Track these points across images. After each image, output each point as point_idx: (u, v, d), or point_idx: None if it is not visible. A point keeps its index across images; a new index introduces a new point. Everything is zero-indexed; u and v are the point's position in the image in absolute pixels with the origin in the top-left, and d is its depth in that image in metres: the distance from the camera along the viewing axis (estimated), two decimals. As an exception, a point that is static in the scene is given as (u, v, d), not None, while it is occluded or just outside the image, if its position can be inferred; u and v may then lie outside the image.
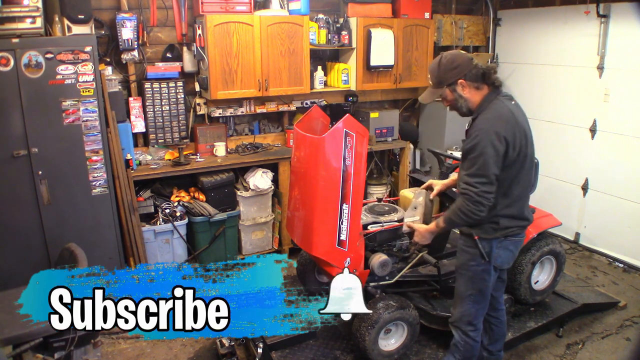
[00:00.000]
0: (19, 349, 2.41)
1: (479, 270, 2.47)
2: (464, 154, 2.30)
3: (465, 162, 2.29)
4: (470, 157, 2.25)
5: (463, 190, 2.27)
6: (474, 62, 2.28)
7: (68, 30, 3.49)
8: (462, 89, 2.29)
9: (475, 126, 2.28)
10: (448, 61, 2.28)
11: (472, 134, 2.27)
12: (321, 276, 3.65)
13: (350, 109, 4.82)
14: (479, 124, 2.27)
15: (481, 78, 2.28)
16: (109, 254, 3.72)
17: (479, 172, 2.23)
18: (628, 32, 4.29)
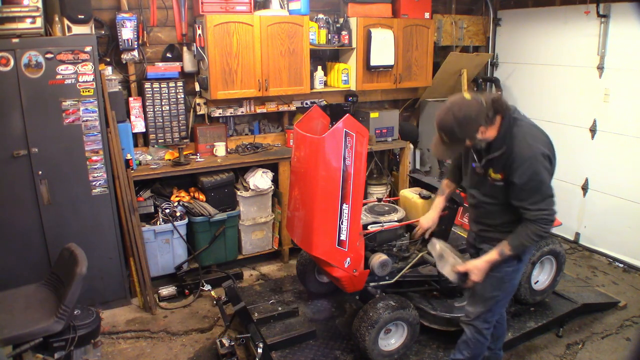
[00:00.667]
0: (19, 349, 2.42)
1: (510, 272, 2.47)
2: (520, 186, 2.25)
3: (523, 192, 2.25)
4: (530, 187, 2.24)
5: (535, 216, 2.25)
6: (482, 102, 2.21)
7: (68, 30, 3.49)
8: (481, 135, 2.24)
9: (518, 157, 2.23)
10: (463, 117, 2.18)
11: (519, 165, 2.23)
12: (321, 276, 3.65)
13: (350, 109, 4.82)
14: (521, 153, 2.23)
15: (494, 113, 2.24)
16: (109, 254, 3.72)
17: (544, 196, 2.25)
18: (628, 32, 4.29)
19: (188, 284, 4.06)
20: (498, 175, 2.33)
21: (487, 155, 2.34)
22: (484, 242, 2.55)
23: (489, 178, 2.38)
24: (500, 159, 2.29)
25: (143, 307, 3.84)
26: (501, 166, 2.29)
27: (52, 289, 2.78)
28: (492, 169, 2.35)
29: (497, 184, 2.35)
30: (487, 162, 2.36)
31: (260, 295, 3.74)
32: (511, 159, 2.25)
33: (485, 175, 2.40)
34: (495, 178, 2.35)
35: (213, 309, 3.81)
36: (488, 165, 2.36)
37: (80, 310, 2.74)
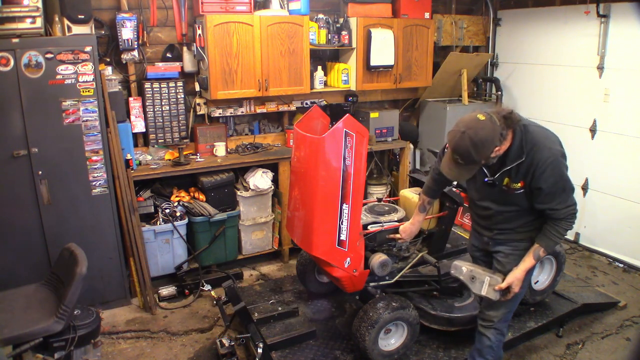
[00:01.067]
0: (19, 349, 2.42)
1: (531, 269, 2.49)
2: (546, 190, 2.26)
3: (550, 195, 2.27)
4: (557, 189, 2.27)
5: (564, 214, 2.29)
6: (496, 122, 2.19)
7: (68, 30, 3.49)
8: (495, 153, 2.24)
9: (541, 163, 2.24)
10: (479, 140, 2.15)
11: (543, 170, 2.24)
12: (321, 276, 3.65)
13: (350, 109, 4.82)
14: (543, 159, 2.25)
15: (507, 129, 2.24)
16: (109, 254, 3.72)
17: (569, 192, 2.31)
18: (628, 32, 4.29)
19: (188, 284, 4.06)
20: (517, 184, 2.33)
21: (503, 167, 2.33)
22: (500, 244, 2.55)
23: (505, 188, 2.37)
24: (520, 168, 2.29)
25: (143, 307, 3.84)
26: (521, 175, 2.30)
27: (52, 289, 2.78)
28: (508, 179, 2.34)
29: (517, 193, 2.35)
30: (503, 173, 2.35)
31: (260, 295, 3.74)
32: (533, 166, 2.25)
33: (499, 187, 2.39)
34: (514, 187, 2.34)
35: (213, 309, 3.81)
36: (503, 177, 2.36)
37: (80, 310, 2.74)
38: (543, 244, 2.35)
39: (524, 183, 2.31)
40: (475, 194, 2.58)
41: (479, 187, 2.51)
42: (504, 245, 2.53)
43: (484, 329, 2.63)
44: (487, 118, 2.19)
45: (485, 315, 2.62)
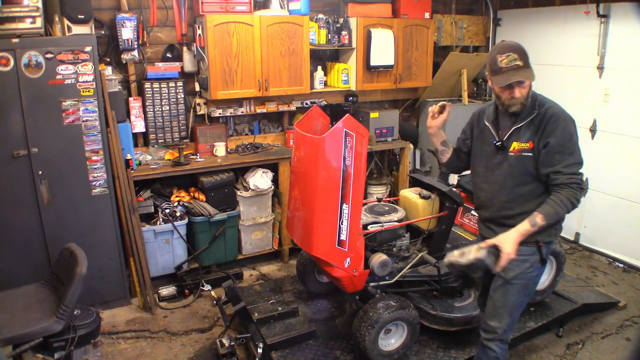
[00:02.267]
0: (19, 349, 2.42)
1: (534, 276, 2.41)
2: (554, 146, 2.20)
3: (558, 154, 2.20)
4: (566, 148, 2.20)
5: (569, 179, 2.18)
6: None
7: (68, 30, 3.49)
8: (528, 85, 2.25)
9: (554, 116, 2.22)
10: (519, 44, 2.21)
11: (556, 124, 2.20)
12: (321, 276, 3.65)
13: (350, 109, 4.82)
14: (557, 113, 2.23)
15: None
16: (109, 254, 3.72)
17: (577, 160, 2.22)
18: (628, 32, 4.29)
19: (188, 284, 4.06)
20: (526, 145, 2.26)
21: (513, 126, 2.29)
22: None
23: (512, 153, 2.30)
24: (530, 125, 2.25)
25: (143, 307, 3.84)
26: (531, 132, 2.25)
27: (52, 289, 2.78)
28: (517, 141, 2.28)
29: (525, 155, 2.27)
30: (512, 133, 2.30)
31: (260, 295, 3.74)
32: (545, 120, 2.22)
33: (507, 152, 2.32)
34: (522, 148, 2.27)
35: (213, 309, 3.81)
36: (513, 138, 2.30)
37: (80, 310, 2.74)
38: (542, 211, 2.20)
39: (533, 144, 2.25)
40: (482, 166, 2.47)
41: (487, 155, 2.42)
42: None
43: (488, 341, 2.50)
44: None
45: (488, 326, 2.50)
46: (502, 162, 2.36)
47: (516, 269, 2.35)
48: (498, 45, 2.28)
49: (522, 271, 2.36)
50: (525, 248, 2.31)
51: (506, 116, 2.34)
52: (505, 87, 2.20)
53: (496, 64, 2.20)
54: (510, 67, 2.17)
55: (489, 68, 2.26)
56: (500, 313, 2.44)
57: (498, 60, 2.19)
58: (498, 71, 2.20)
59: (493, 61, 2.22)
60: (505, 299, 2.41)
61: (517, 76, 2.17)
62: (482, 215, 2.56)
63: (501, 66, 2.19)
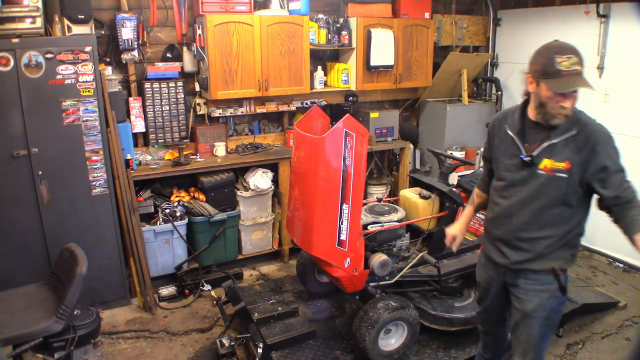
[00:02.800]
0: (19, 349, 2.42)
1: (556, 304, 2.20)
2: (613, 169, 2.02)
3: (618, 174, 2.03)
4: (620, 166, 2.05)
5: (634, 193, 2.03)
6: None
7: (68, 30, 3.49)
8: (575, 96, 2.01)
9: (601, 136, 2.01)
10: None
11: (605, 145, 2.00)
12: (321, 276, 3.65)
13: (350, 109, 4.82)
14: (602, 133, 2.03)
15: None
16: (109, 254, 3.72)
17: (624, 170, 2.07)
18: (628, 32, 4.29)
19: (188, 284, 4.06)
20: (561, 164, 2.01)
21: (546, 141, 2.03)
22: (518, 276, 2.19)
23: (541, 172, 2.05)
24: (570, 142, 2.00)
25: (143, 307, 3.84)
26: (570, 151, 2.00)
27: (52, 289, 2.78)
28: (549, 160, 2.03)
29: (558, 175, 2.02)
30: (546, 150, 2.03)
31: (260, 295, 3.74)
32: (592, 141, 1.98)
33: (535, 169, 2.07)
34: (556, 167, 2.02)
35: (213, 309, 3.81)
36: (545, 155, 2.04)
37: (80, 310, 2.74)
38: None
39: (571, 164, 1.99)
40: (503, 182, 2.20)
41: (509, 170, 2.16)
42: (522, 278, 2.18)
43: None
44: None
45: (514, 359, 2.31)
46: (527, 179, 2.10)
47: (534, 300, 2.16)
48: (553, 44, 2.02)
49: (541, 302, 2.16)
50: (542, 277, 2.14)
51: (536, 128, 2.08)
52: (558, 94, 1.93)
53: (553, 66, 1.92)
54: (570, 71, 1.91)
55: (540, 68, 1.98)
56: (525, 349, 2.25)
57: (557, 61, 1.92)
58: (555, 74, 1.92)
59: (550, 62, 1.94)
60: (528, 334, 2.22)
61: (580, 83, 1.91)
62: (492, 233, 2.28)
63: (560, 69, 1.91)
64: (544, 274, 2.13)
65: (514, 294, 2.24)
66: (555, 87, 1.93)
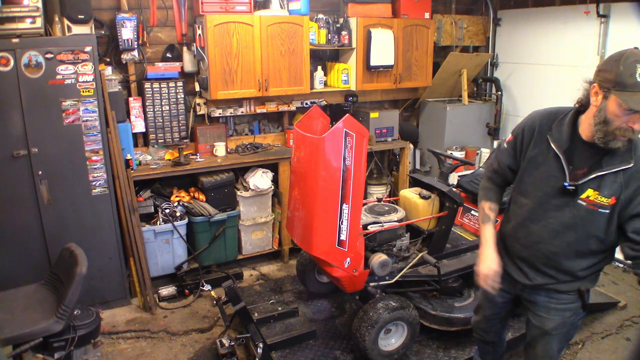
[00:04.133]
0: (19, 349, 2.42)
1: (576, 320, 2.10)
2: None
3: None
4: None
5: None
6: None
7: (68, 30, 3.49)
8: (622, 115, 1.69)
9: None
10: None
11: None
12: (321, 276, 3.65)
13: (350, 109, 4.82)
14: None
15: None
16: (109, 254, 3.72)
17: None
18: (628, 32, 4.30)
19: (188, 284, 4.06)
20: (607, 200, 1.76)
21: (596, 171, 1.78)
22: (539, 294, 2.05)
23: (584, 203, 1.81)
24: (621, 175, 1.74)
25: (143, 307, 3.84)
26: (619, 186, 1.75)
27: (52, 289, 2.78)
28: (594, 191, 1.79)
29: (600, 211, 1.79)
30: (593, 179, 1.78)
31: (260, 295, 3.74)
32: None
33: (576, 199, 1.83)
34: (599, 202, 1.77)
35: (213, 309, 3.81)
36: (588, 186, 1.80)
37: (80, 310, 2.74)
38: None
39: (617, 200, 1.75)
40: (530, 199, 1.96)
41: (542, 191, 1.91)
42: (544, 296, 2.03)
43: None
44: None
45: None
46: (564, 207, 1.86)
47: (556, 318, 2.05)
48: (635, 51, 1.72)
49: (562, 321, 2.05)
50: (566, 296, 2.00)
51: (588, 150, 1.80)
52: (631, 111, 1.65)
53: (633, 76, 1.62)
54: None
55: (614, 78, 1.68)
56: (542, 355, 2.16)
57: (638, 71, 1.62)
58: (633, 87, 1.62)
59: (629, 71, 1.65)
60: (546, 350, 2.13)
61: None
62: (514, 251, 2.09)
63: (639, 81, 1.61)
64: (569, 294, 2.00)
65: (532, 311, 2.11)
66: (632, 102, 1.62)
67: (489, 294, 2.14)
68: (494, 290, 2.08)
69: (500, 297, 2.21)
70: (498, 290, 2.11)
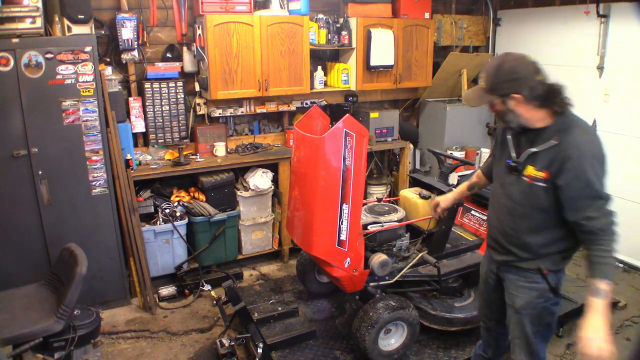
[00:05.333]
0: (19, 349, 2.42)
1: (548, 306, 2.19)
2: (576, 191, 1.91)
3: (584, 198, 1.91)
4: (594, 190, 1.91)
5: (606, 224, 1.93)
6: (539, 76, 1.96)
7: (68, 30, 3.49)
8: (515, 104, 1.97)
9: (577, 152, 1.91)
10: (509, 70, 1.95)
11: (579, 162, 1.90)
12: (321, 276, 3.65)
13: (350, 109, 4.82)
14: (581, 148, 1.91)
15: (542, 98, 1.95)
16: (109, 254, 3.72)
17: (605, 198, 1.94)
18: (628, 32, 4.29)
19: (188, 284, 4.06)
20: (540, 174, 1.99)
21: (531, 146, 2.03)
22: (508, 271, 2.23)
23: (525, 178, 2.05)
24: (549, 152, 1.97)
25: (143, 307, 3.84)
26: (548, 162, 1.97)
27: (52, 289, 2.78)
28: (533, 166, 2.02)
29: (537, 185, 2.01)
30: (529, 157, 2.03)
31: (260, 295, 3.74)
32: (566, 157, 1.91)
33: (520, 175, 2.07)
34: (535, 176, 2.01)
35: (213, 309, 3.81)
36: (529, 162, 2.04)
37: (80, 310, 2.74)
38: (599, 275, 1.85)
39: (549, 175, 1.97)
40: (496, 184, 2.26)
41: (501, 172, 2.20)
42: (513, 273, 2.20)
43: None
44: (535, 65, 1.99)
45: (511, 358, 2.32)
46: (514, 184, 2.12)
47: (523, 296, 2.18)
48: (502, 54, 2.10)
49: (530, 300, 2.16)
50: (529, 274, 2.15)
51: (526, 134, 2.08)
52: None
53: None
54: (478, 86, 2.10)
55: None
56: (517, 344, 2.26)
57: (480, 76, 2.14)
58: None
59: None
60: (521, 331, 2.23)
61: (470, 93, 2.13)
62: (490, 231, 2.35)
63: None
64: (531, 272, 2.15)
65: (506, 289, 2.28)
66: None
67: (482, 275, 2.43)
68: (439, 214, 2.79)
69: (490, 279, 2.39)
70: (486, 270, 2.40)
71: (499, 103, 2.02)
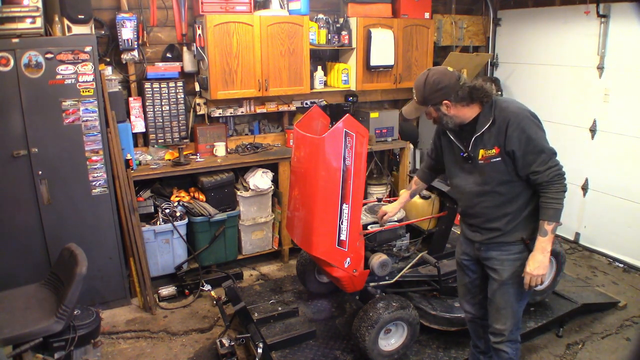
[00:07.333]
0: (19, 349, 2.42)
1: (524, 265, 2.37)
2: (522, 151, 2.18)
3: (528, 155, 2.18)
4: (534, 147, 2.18)
5: (550, 174, 2.18)
6: (461, 82, 2.22)
7: (68, 30, 3.49)
8: (446, 109, 2.25)
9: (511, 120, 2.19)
10: (434, 82, 2.23)
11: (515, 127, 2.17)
12: (321, 276, 3.65)
13: (350, 109, 4.82)
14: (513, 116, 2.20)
15: (469, 97, 2.23)
16: (109, 254, 3.72)
17: (549, 153, 2.20)
18: (628, 32, 4.29)
19: (188, 284, 4.06)
20: (493, 151, 2.24)
21: (475, 134, 2.28)
22: (492, 249, 2.40)
23: (481, 162, 2.29)
24: (491, 131, 2.23)
25: (143, 307, 3.84)
26: (494, 138, 2.23)
27: (52, 289, 2.78)
28: (483, 148, 2.27)
29: (494, 161, 2.25)
30: (476, 142, 2.28)
31: (260, 295, 3.74)
32: (503, 126, 2.20)
33: (476, 161, 2.31)
34: (489, 155, 2.25)
35: (213, 309, 3.81)
36: (479, 146, 2.28)
37: (80, 310, 2.74)
38: (544, 217, 2.20)
39: (499, 148, 2.22)
40: (457, 179, 2.46)
41: (458, 166, 2.43)
42: (496, 250, 2.39)
43: (498, 344, 2.48)
44: (456, 74, 2.25)
45: (495, 329, 2.48)
46: (473, 171, 2.36)
47: (509, 268, 2.36)
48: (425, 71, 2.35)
49: (515, 270, 2.35)
50: (513, 247, 2.35)
51: (464, 128, 2.33)
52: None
53: None
54: (412, 100, 2.38)
55: None
56: (504, 314, 2.43)
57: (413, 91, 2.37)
58: None
59: None
60: (506, 300, 2.41)
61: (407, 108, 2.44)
62: (467, 221, 2.53)
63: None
64: (515, 244, 2.34)
65: (490, 267, 2.43)
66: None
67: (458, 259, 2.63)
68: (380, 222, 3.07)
69: (466, 261, 2.58)
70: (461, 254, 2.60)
71: (433, 111, 2.31)
